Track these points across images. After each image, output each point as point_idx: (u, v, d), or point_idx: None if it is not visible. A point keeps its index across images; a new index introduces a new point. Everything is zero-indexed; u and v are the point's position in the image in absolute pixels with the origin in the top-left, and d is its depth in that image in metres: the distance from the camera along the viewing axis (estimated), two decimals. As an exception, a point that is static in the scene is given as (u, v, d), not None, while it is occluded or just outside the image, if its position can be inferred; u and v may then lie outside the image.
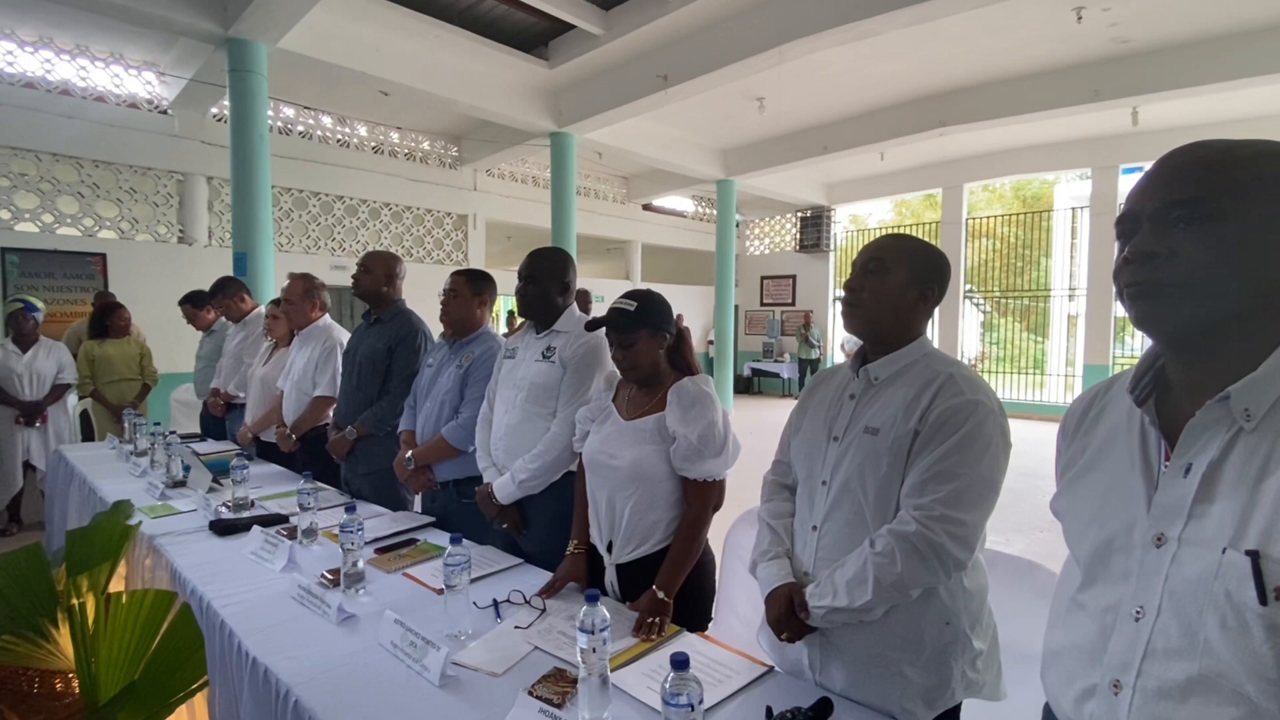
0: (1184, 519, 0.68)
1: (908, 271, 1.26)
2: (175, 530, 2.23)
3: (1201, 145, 0.71)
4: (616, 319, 1.62)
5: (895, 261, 1.26)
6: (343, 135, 8.19)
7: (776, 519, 1.39)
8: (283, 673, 1.36)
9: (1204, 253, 0.67)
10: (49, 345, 4.24)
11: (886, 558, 1.13)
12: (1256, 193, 0.66)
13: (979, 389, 1.19)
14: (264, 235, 5.39)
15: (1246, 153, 0.68)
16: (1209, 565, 0.65)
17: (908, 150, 9.65)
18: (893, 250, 1.28)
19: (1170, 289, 0.68)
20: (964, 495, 1.13)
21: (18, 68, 5.88)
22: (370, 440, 2.61)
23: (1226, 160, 0.68)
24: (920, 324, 1.30)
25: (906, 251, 1.28)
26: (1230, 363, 0.68)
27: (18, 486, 4.09)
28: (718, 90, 6.91)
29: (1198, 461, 0.68)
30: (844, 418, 1.30)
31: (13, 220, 5.99)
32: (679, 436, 1.53)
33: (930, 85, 7.66)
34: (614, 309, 1.64)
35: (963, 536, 1.12)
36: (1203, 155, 0.70)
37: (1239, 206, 0.66)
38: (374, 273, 2.64)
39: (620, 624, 1.49)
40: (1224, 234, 0.66)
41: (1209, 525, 0.66)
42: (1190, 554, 0.67)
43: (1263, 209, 0.66)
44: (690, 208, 13.25)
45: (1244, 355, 0.68)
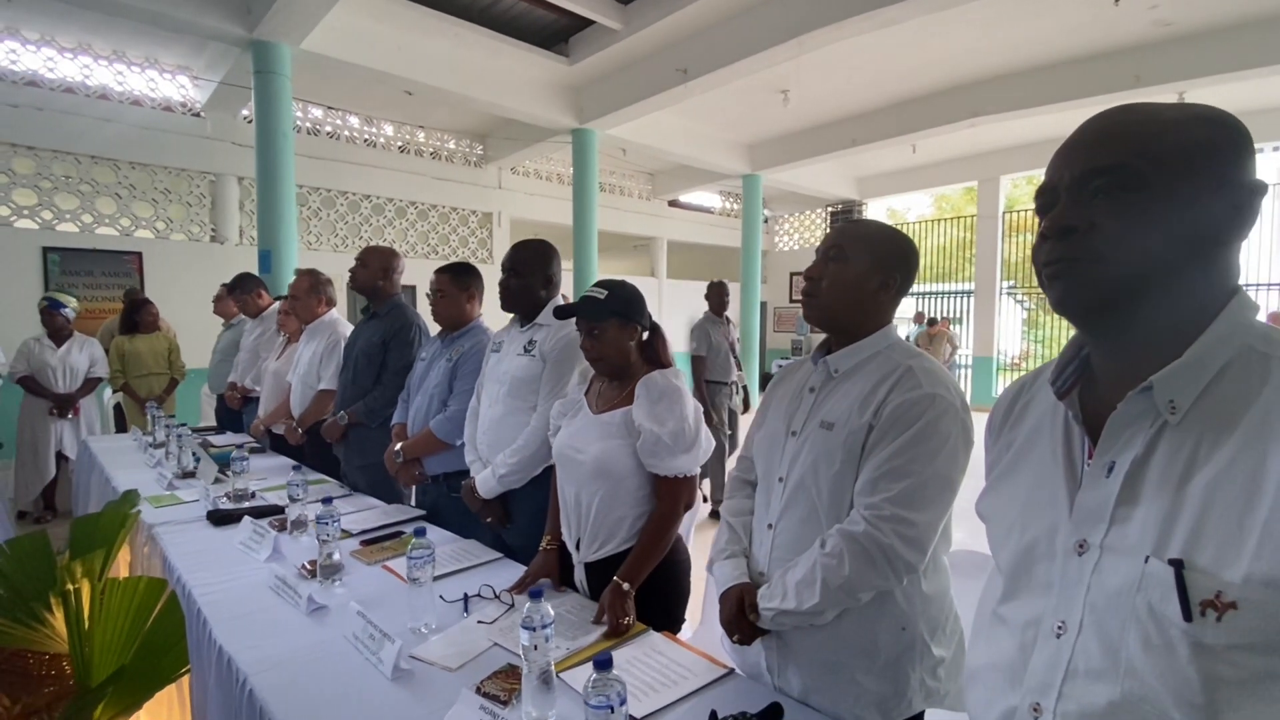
0: (1106, 523, 0.61)
1: (868, 259, 1.20)
2: (175, 520, 2.28)
3: (1125, 109, 0.64)
4: (585, 306, 1.59)
5: (855, 249, 1.20)
6: (369, 135, 8.33)
7: (735, 516, 1.34)
8: (243, 662, 1.37)
9: (1125, 225, 0.60)
10: (81, 340, 4.40)
11: (834, 559, 1.08)
12: (1183, 160, 0.60)
13: (938, 382, 1.13)
14: (288, 233, 5.51)
15: (1173, 116, 0.62)
16: (1131, 576, 0.58)
17: (940, 142, 9.38)
18: (853, 237, 1.22)
19: (1088, 267, 0.62)
20: (917, 494, 1.07)
21: (58, 73, 6.12)
22: (365, 432, 2.63)
23: (1151, 124, 0.62)
24: (884, 314, 1.23)
25: (867, 238, 1.22)
26: (1154, 350, 0.62)
27: (50, 475, 4.26)
28: (741, 83, 6.83)
29: (1120, 459, 0.62)
30: (803, 412, 1.24)
31: (54, 220, 6.25)
32: (644, 431, 1.49)
33: (961, 74, 7.43)
34: (584, 296, 1.61)
35: (914, 538, 1.06)
36: (1125, 119, 0.63)
37: (1163, 175, 0.60)
38: (370, 267, 2.66)
39: (588, 621, 1.47)
40: (1147, 205, 0.60)
41: (1131, 531, 0.59)
42: (1112, 563, 0.60)
43: (1191, 178, 0.59)
44: (717, 203, 13.13)
45: (1169, 341, 0.61)
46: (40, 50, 6.03)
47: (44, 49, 6.05)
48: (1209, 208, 0.60)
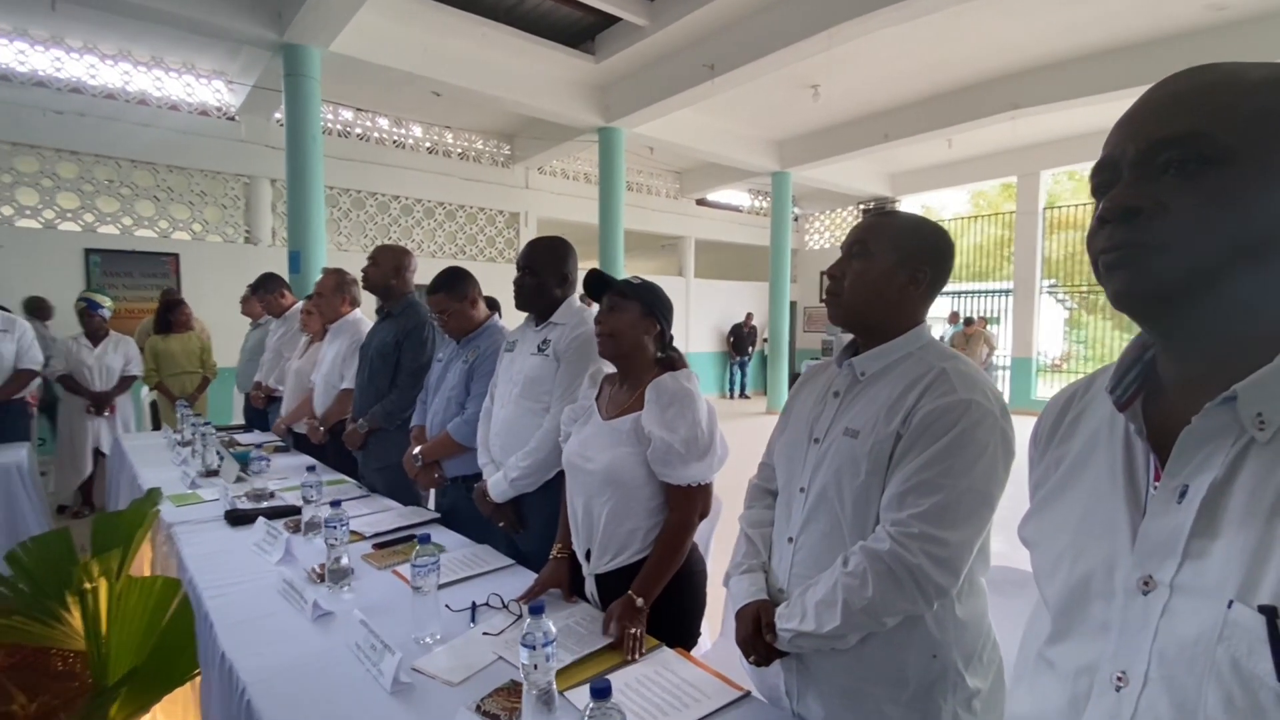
0: (1178, 559, 0.52)
1: (893, 253, 1.11)
2: (194, 519, 2.28)
3: (1203, 68, 0.54)
4: (616, 280, 1.57)
5: (879, 243, 1.12)
6: (398, 136, 8.41)
7: (754, 528, 1.26)
8: (244, 670, 1.33)
9: (1202, 206, 0.51)
10: (117, 339, 4.50)
11: (857, 579, 1.00)
12: (1274, 127, 0.50)
13: (975, 386, 1.03)
14: (317, 234, 5.57)
15: (1263, 75, 0.52)
16: (1210, 623, 0.48)
17: (977, 136, 9.11)
18: (877, 230, 1.13)
19: (1156, 255, 0.52)
20: (949, 511, 0.97)
21: (99, 80, 6.29)
22: (383, 435, 2.61)
23: (1235, 85, 0.52)
24: (915, 311, 1.14)
25: (891, 231, 1.13)
26: (1238, 354, 0.52)
27: (88, 471, 4.36)
28: (769, 79, 6.70)
29: (1195, 482, 0.52)
30: (826, 417, 1.16)
31: (96, 223, 6.44)
32: (654, 438, 1.42)
33: (999, 66, 7.18)
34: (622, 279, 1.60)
35: (945, 559, 0.97)
36: (1202, 80, 0.53)
37: (1250, 145, 0.50)
38: (381, 265, 2.64)
39: (598, 634, 1.41)
40: (1229, 182, 0.50)
41: (1210, 569, 0.50)
42: (1186, 606, 0.50)
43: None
44: (746, 201, 12.97)
45: (1255, 344, 0.51)
46: (83, 57, 6.21)
47: (87, 56, 6.23)
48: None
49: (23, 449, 3.42)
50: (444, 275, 2.30)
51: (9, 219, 6.05)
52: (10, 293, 5.20)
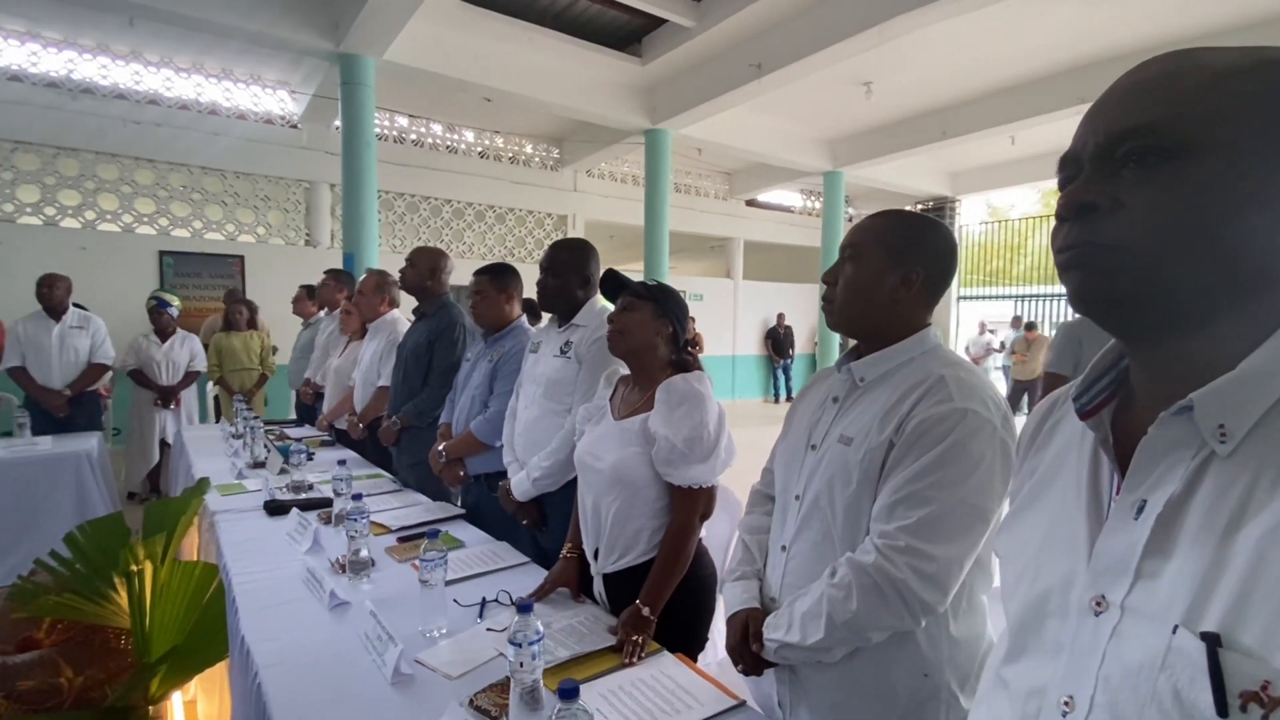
0: (1130, 578, 0.48)
1: (881, 254, 1.07)
2: (236, 508, 2.38)
3: (1170, 55, 0.50)
4: (631, 281, 1.58)
5: (867, 245, 1.08)
6: (451, 141, 8.63)
7: (751, 534, 1.23)
8: (259, 653, 1.38)
9: (1162, 202, 0.47)
10: (183, 336, 4.77)
11: (842, 592, 0.96)
12: (1240, 118, 0.46)
13: (974, 394, 0.98)
14: (370, 236, 5.77)
15: (1232, 61, 0.47)
16: (1155, 648, 0.45)
17: (1044, 132, 8.67)
18: (864, 231, 1.10)
19: (1111, 255, 0.49)
20: (938, 524, 0.93)
21: (174, 92, 6.70)
22: (415, 432, 2.68)
23: (1198, 71, 0.47)
24: (913, 315, 1.09)
25: (879, 230, 1.09)
26: (1202, 361, 0.48)
27: (154, 460, 4.64)
28: (820, 76, 6.58)
29: (1152, 498, 0.48)
30: (824, 424, 1.12)
31: (170, 227, 6.85)
32: (659, 438, 1.40)
33: (1066, 58, 6.84)
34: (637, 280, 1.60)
35: (931, 575, 0.92)
36: (1165, 68, 0.49)
37: (1214, 137, 0.46)
38: (418, 267, 2.70)
39: (603, 632, 1.40)
40: (1191, 175, 0.46)
41: (1160, 590, 0.46)
42: (1134, 629, 0.47)
43: (1253, 141, 0.45)
44: (798, 202, 12.76)
45: (1218, 351, 0.47)
46: (160, 71, 6.62)
47: (163, 70, 6.63)
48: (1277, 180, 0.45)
49: (94, 438, 3.66)
50: (496, 265, 2.38)
51: (92, 223, 6.51)
52: (92, 293, 5.58)
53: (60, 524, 3.12)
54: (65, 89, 6.22)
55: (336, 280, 4.25)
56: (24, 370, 3.87)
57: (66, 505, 3.35)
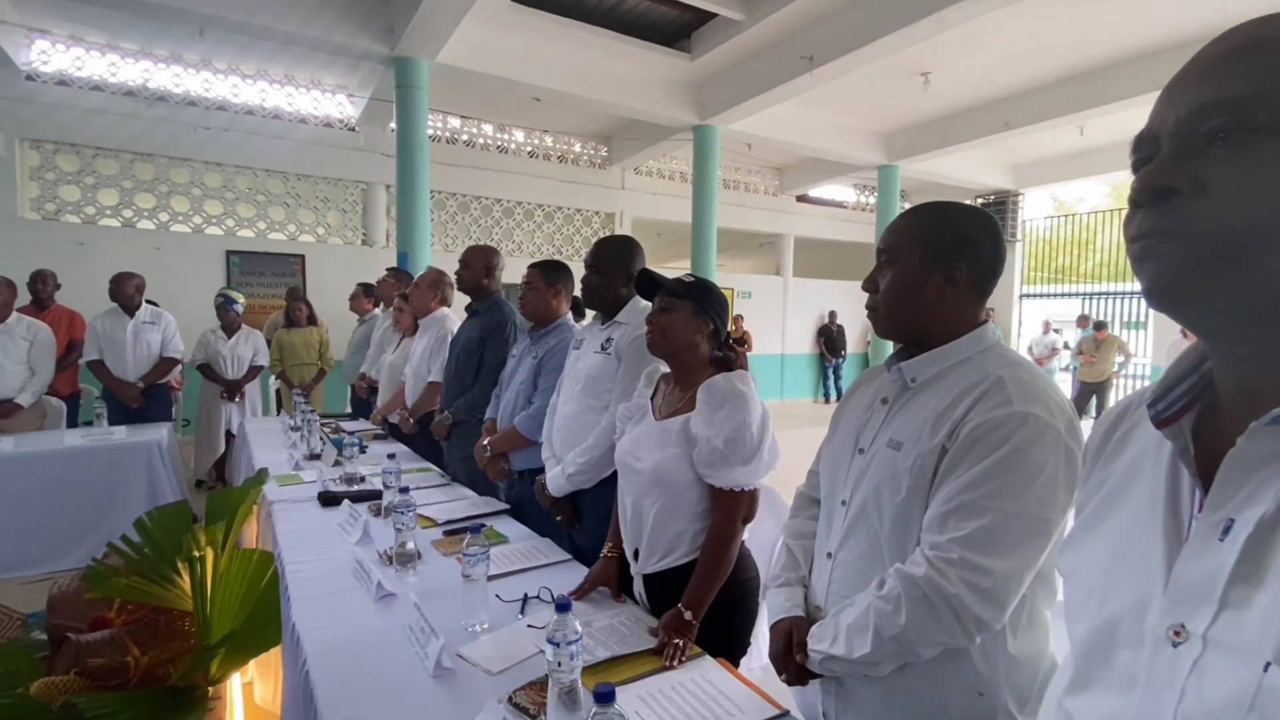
0: (1214, 606, 0.43)
1: (917, 254, 1.01)
2: (292, 498, 2.46)
3: (1262, 20, 0.44)
4: (668, 280, 1.55)
5: (904, 246, 1.03)
6: (501, 141, 8.75)
7: (796, 539, 1.19)
8: (308, 641, 1.42)
9: (1253, 184, 0.42)
10: (247, 332, 4.97)
11: (890, 605, 0.91)
12: None
13: (1035, 397, 0.91)
14: (423, 236, 5.91)
15: None
16: (1243, 686, 0.40)
17: (1115, 121, 8.25)
18: (900, 233, 1.04)
19: (1192, 245, 0.44)
20: (994, 536, 0.87)
21: (241, 98, 7.00)
22: (465, 427, 2.71)
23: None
24: (965, 312, 1.03)
25: (914, 230, 1.03)
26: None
27: (220, 450, 4.86)
28: (875, 68, 6.41)
29: (1242, 517, 0.43)
30: (872, 426, 1.07)
31: (236, 228, 7.17)
32: (701, 439, 1.37)
33: (1145, 41, 6.45)
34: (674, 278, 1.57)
35: (987, 590, 0.86)
36: (1258, 35, 0.43)
37: None
38: (473, 267, 2.74)
39: (643, 634, 1.39)
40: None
41: (1249, 621, 0.41)
42: (1218, 663, 0.42)
43: None
44: (851, 197, 12.46)
45: None
46: (227, 78, 6.93)
47: (230, 77, 6.94)
48: None
49: (164, 429, 3.85)
50: (549, 260, 2.40)
51: (165, 225, 6.86)
52: (165, 291, 5.88)
53: (133, 509, 3.29)
54: (141, 97, 6.57)
55: (396, 278, 4.36)
56: (101, 363, 4.10)
57: (139, 491, 3.53)
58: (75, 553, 3.33)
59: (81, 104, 6.32)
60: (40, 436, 3.69)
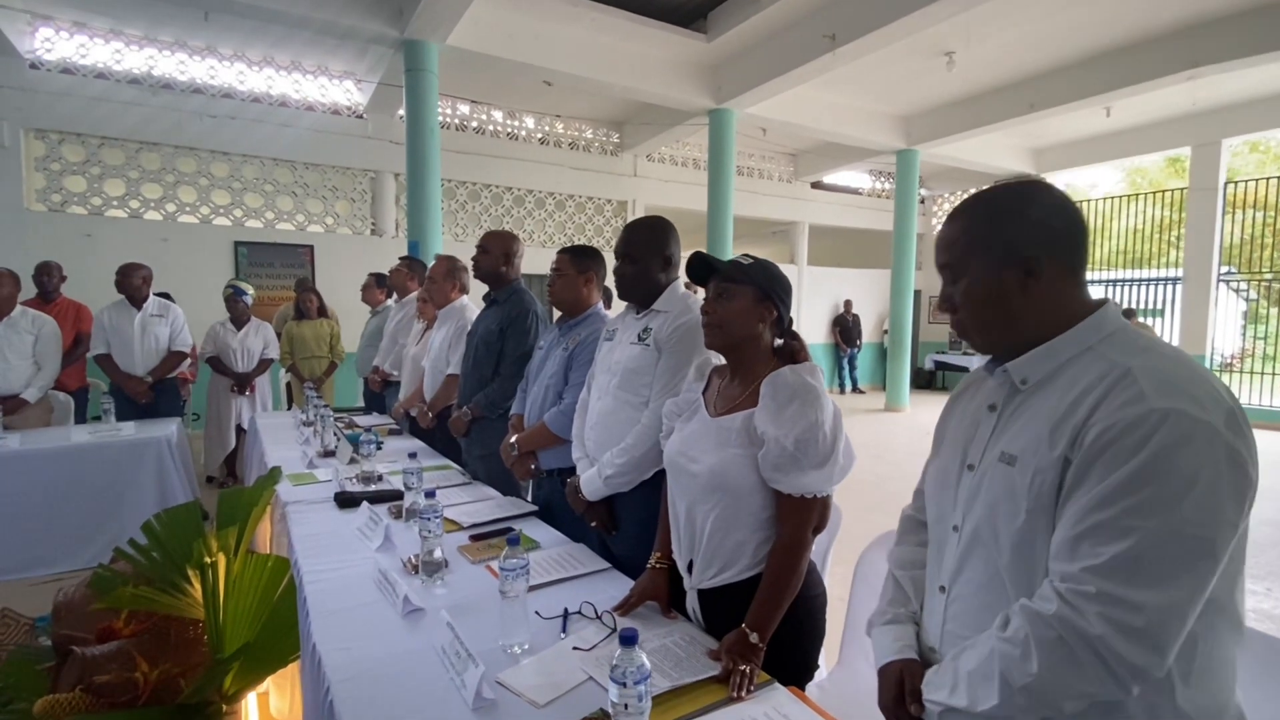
0: None
1: (985, 259, 0.88)
2: (307, 499, 2.33)
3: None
4: (724, 264, 1.39)
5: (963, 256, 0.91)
6: (512, 128, 8.57)
7: (903, 569, 1.05)
8: (330, 665, 1.29)
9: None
10: (257, 325, 4.85)
11: (1018, 649, 0.77)
12: None
13: (1178, 390, 0.76)
14: (433, 222, 5.76)
15: None
16: None
17: (1143, 102, 8.01)
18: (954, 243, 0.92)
19: None
20: (1142, 563, 0.72)
21: (247, 85, 6.85)
22: (485, 422, 2.58)
23: None
24: (1066, 300, 0.88)
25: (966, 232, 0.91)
26: None
27: (231, 445, 4.75)
28: (896, 48, 6.19)
29: None
30: (981, 438, 0.93)
31: (244, 218, 7.03)
32: (768, 439, 1.22)
33: (1178, 17, 6.20)
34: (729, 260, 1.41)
35: (1140, 630, 0.72)
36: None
37: None
38: (492, 252, 2.59)
39: (701, 655, 1.25)
40: None
41: None
42: None
43: None
44: (866, 183, 12.22)
45: None
46: (233, 65, 6.77)
47: (236, 64, 6.78)
48: None
49: (173, 424, 3.73)
50: (582, 246, 2.24)
51: (173, 215, 6.73)
52: (173, 282, 5.75)
53: (142, 507, 3.19)
54: (146, 85, 6.43)
55: (409, 267, 4.22)
56: (109, 357, 3.98)
57: (148, 489, 3.42)
58: (83, 553, 3.23)
59: (86, 92, 6.19)
60: (46, 433, 3.58)
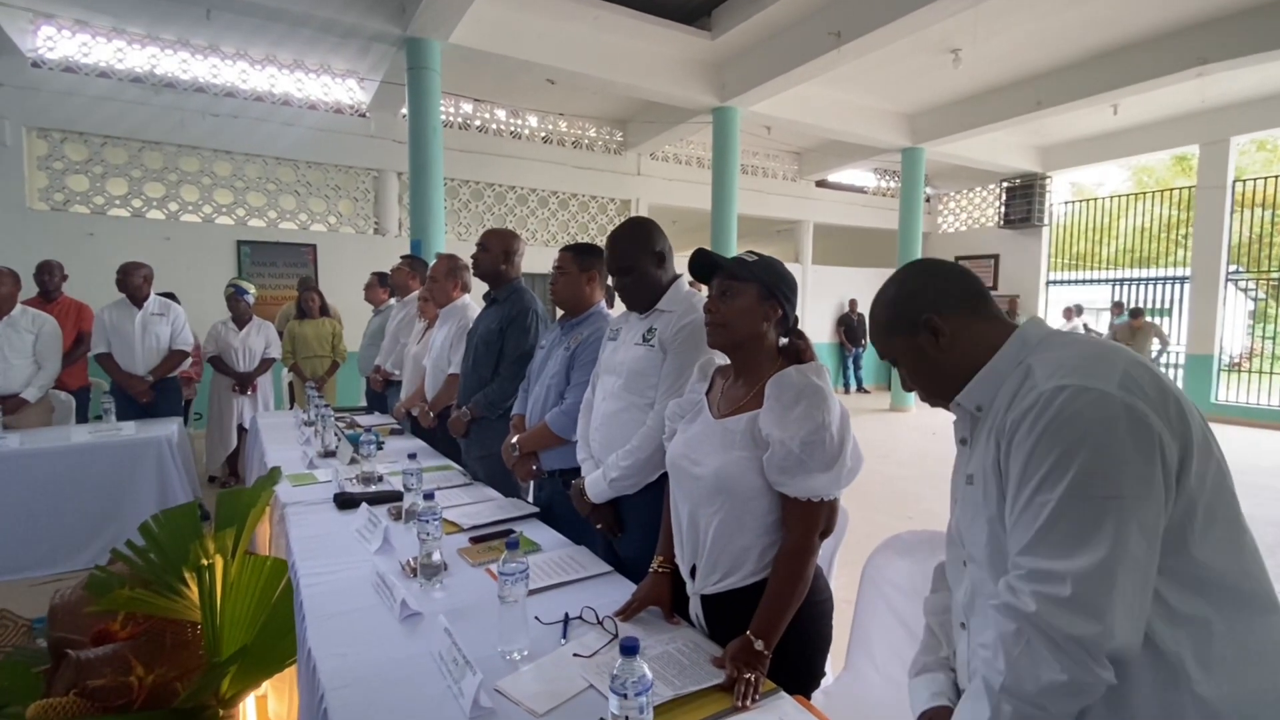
0: None
1: (897, 337, 0.99)
2: (306, 500, 2.31)
3: None
4: (728, 261, 1.35)
5: (884, 342, 1.02)
6: (515, 127, 8.54)
7: (934, 615, 1.06)
8: (325, 671, 1.26)
9: None
10: (259, 324, 4.83)
11: (989, 650, 0.77)
12: None
13: (1066, 371, 0.79)
14: (436, 222, 5.74)
15: None
16: None
17: (1151, 100, 7.94)
18: (876, 335, 1.04)
19: None
20: (1057, 533, 0.74)
21: (250, 84, 6.83)
22: (485, 423, 2.55)
23: None
24: (980, 339, 0.92)
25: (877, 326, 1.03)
26: None
27: (233, 445, 4.73)
28: (902, 45, 6.14)
29: None
30: (959, 470, 0.97)
31: (247, 217, 7.02)
32: (774, 441, 1.19)
33: (1187, 13, 6.14)
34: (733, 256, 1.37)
35: (1068, 598, 0.71)
36: None
37: None
38: (491, 250, 2.56)
39: (705, 663, 1.21)
40: None
41: None
42: None
43: None
44: (871, 182, 12.16)
45: None
46: (236, 64, 6.75)
47: (239, 62, 6.77)
48: None
49: (174, 424, 3.71)
50: (585, 244, 2.21)
51: (175, 214, 6.72)
52: (175, 281, 5.74)
53: (143, 507, 3.17)
54: (149, 84, 6.41)
55: (410, 266, 4.20)
56: (109, 356, 3.96)
57: (149, 489, 3.40)
58: (83, 554, 3.21)
59: (88, 91, 6.18)
60: (46, 433, 3.57)
